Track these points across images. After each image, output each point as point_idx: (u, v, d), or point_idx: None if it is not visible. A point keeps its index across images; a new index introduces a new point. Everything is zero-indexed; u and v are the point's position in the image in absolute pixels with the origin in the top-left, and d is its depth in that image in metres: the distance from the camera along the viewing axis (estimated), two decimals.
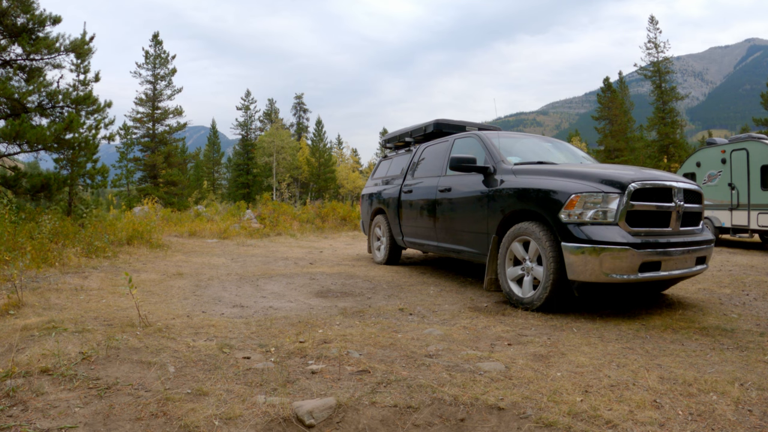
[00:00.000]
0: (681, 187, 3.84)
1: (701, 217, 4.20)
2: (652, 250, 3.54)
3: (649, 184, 3.66)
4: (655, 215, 3.73)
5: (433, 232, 5.48)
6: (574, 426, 1.83)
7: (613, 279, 3.45)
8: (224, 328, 3.18)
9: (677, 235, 3.83)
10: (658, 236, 3.68)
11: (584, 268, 3.48)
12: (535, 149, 5.24)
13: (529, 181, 4.09)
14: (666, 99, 27.28)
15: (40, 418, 1.86)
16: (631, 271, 3.46)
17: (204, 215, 14.68)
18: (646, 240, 3.56)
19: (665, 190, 3.78)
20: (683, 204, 3.83)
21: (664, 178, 3.88)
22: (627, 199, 3.52)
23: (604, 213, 3.54)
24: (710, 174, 10.18)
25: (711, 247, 4.12)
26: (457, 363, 2.54)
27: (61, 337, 2.78)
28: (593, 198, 3.56)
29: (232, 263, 6.74)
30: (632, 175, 3.71)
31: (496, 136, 5.14)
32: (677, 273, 3.74)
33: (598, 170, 3.90)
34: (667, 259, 3.63)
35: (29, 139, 7.83)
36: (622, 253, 3.41)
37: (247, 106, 47.60)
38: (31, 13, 8.68)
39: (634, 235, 3.53)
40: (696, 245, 3.89)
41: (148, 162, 29.27)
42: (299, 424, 1.88)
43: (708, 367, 2.50)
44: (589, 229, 3.51)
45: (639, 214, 3.64)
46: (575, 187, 3.65)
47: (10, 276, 4.26)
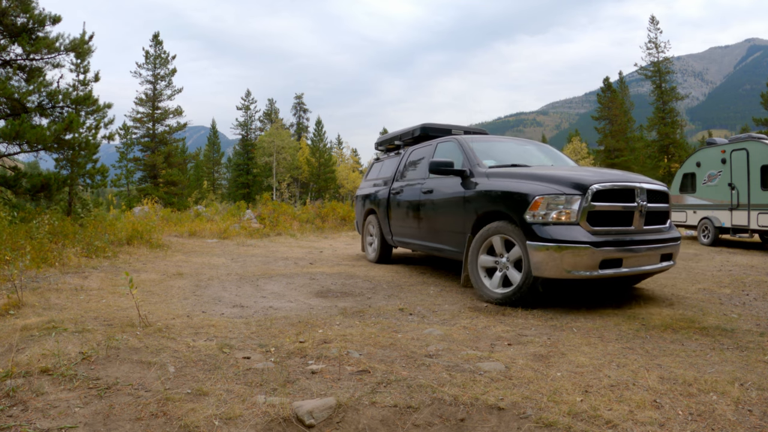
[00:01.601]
0: (644, 188, 4.01)
1: (668, 215, 4.41)
2: (613, 248, 3.72)
3: (610, 186, 3.84)
4: (617, 215, 3.92)
5: (418, 232, 5.73)
6: (574, 426, 1.83)
7: (575, 275, 3.65)
8: (224, 328, 3.18)
9: (641, 233, 4.00)
10: (619, 235, 3.86)
11: (547, 266, 3.69)
12: (512, 152, 5.45)
13: (499, 183, 4.34)
14: (666, 99, 27.28)
15: (40, 418, 1.86)
16: (592, 268, 3.65)
17: (204, 215, 14.68)
18: (607, 239, 3.75)
19: (627, 191, 3.96)
20: (646, 204, 3.98)
21: (627, 179, 4.06)
22: (588, 200, 3.72)
23: (566, 213, 3.75)
24: (710, 174, 10.18)
25: (677, 245, 4.31)
26: (457, 363, 2.54)
27: (61, 337, 2.78)
28: (555, 200, 3.78)
29: (232, 263, 6.74)
30: (595, 178, 3.90)
31: (475, 140, 5.42)
32: (640, 269, 3.93)
33: (563, 173, 4.09)
34: (629, 257, 3.82)
35: (29, 139, 7.83)
36: (582, 251, 3.60)
37: (247, 106, 47.60)
38: (30, 13, 8.68)
39: (594, 234, 3.72)
40: (660, 243, 4.06)
41: (148, 162, 29.27)
42: (299, 424, 1.88)
43: (708, 367, 2.50)
44: (551, 228, 3.73)
45: (601, 213, 3.83)
46: (539, 190, 3.88)
47: (10, 276, 4.25)
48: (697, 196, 10.57)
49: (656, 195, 4.20)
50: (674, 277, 5.53)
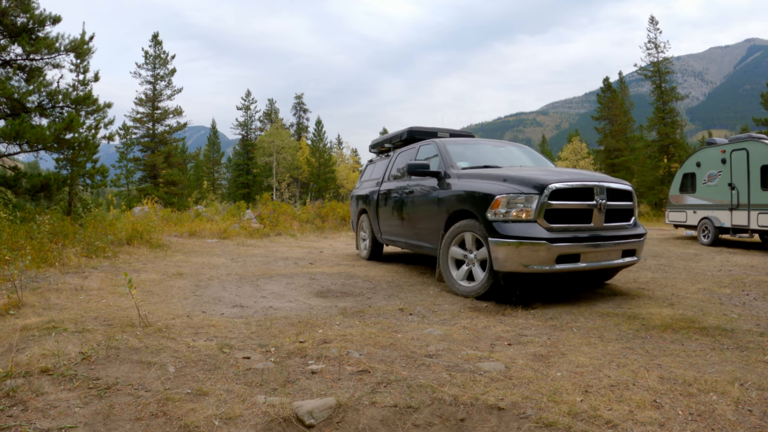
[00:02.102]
0: (604, 187, 4.20)
1: (632, 213, 4.57)
2: (569, 244, 3.91)
3: (567, 185, 4.04)
4: (576, 212, 4.12)
5: (402, 230, 6.04)
6: (574, 426, 1.83)
7: (532, 270, 3.87)
8: (224, 328, 3.18)
9: (600, 230, 4.18)
10: (577, 231, 4.05)
11: (507, 260, 3.92)
12: (489, 154, 5.70)
13: (467, 184, 4.61)
14: (666, 99, 27.26)
15: (40, 418, 1.86)
16: (548, 262, 3.86)
17: (204, 215, 14.68)
18: (564, 235, 3.94)
19: (586, 190, 4.14)
20: (605, 202, 4.17)
21: (586, 179, 4.26)
22: (545, 199, 3.93)
23: (524, 212, 3.98)
24: (710, 174, 10.18)
25: (640, 241, 4.44)
26: (457, 363, 2.54)
27: (61, 337, 2.78)
28: (515, 199, 4.02)
29: (232, 263, 6.74)
30: (554, 177, 4.12)
31: (453, 143, 5.73)
32: (599, 265, 4.11)
33: (525, 173, 4.32)
34: (587, 252, 4.02)
35: (29, 139, 7.83)
36: (538, 246, 3.82)
37: (247, 106, 47.59)
38: (30, 13, 8.68)
39: (551, 231, 3.93)
40: (621, 239, 4.23)
41: (148, 162, 29.26)
42: (299, 424, 1.88)
43: (708, 367, 2.50)
44: (510, 225, 3.97)
45: (560, 211, 4.04)
46: (500, 189, 4.14)
47: (10, 276, 4.26)
48: (697, 196, 10.57)
49: (618, 194, 4.37)
50: (674, 277, 5.53)
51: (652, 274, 5.77)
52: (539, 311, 3.80)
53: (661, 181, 25.88)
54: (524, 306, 3.97)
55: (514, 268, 3.91)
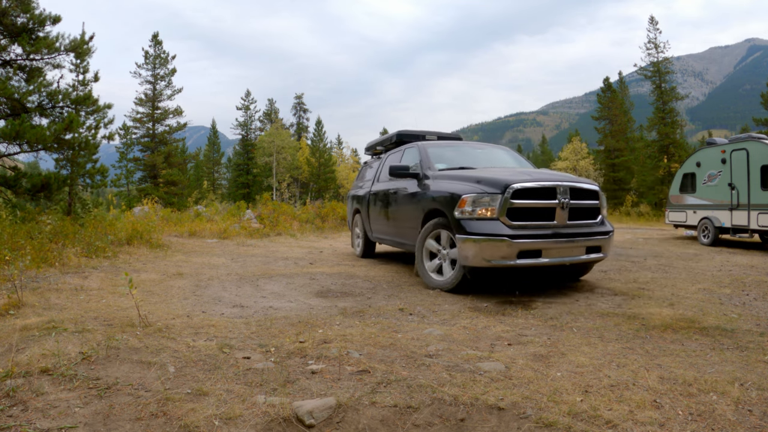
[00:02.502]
0: (567, 186, 4.40)
1: (598, 211, 4.76)
2: (530, 240, 4.14)
3: (529, 186, 4.27)
4: (539, 210, 4.34)
5: (388, 228, 6.31)
6: (574, 426, 1.83)
7: (494, 264, 4.14)
8: (224, 328, 3.18)
9: (563, 227, 4.39)
10: (539, 229, 4.28)
11: (471, 256, 4.19)
12: (467, 156, 5.98)
13: (440, 185, 4.91)
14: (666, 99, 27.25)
15: (40, 418, 1.86)
16: (510, 258, 4.11)
17: (204, 215, 14.68)
18: (525, 232, 4.18)
19: (549, 190, 4.35)
20: (569, 201, 4.38)
21: (549, 179, 4.46)
22: (507, 198, 4.19)
23: (487, 210, 4.25)
24: (710, 174, 10.17)
25: (606, 238, 4.61)
26: (457, 363, 2.54)
27: (61, 337, 2.78)
28: (479, 198, 4.28)
29: (232, 263, 6.74)
30: (517, 178, 4.36)
31: (434, 146, 6.04)
32: (562, 260, 4.33)
33: (492, 174, 4.56)
34: (549, 248, 4.22)
35: (29, 139, 7.82)
36: (500, 243, 4.08)
37: (247, 106, 47.58)
38: (30, 13, 8.67)
39: (512, 228, 4.18)
40: (585, 236, 4.43)
41: (148, 162, 29.25)
42: (299, 424, 1.88)
43: (708, 367, 2.50)
44: (475, 223, 4.24)
45: (523, 210, 4.28)
46: (466, 190, 4.42)
47: (10, 276, 4.25)
48: (697, 196, 10.57)
49: (583, 193, 4.58)
50: (674, 277, 5.53)
51: (652, 274, 5.77)
52: (539, 311, 3.80)
53: (661, 181, 25.88)
54: (524, 307, 3.97)
55: (478, 263, 4.17)
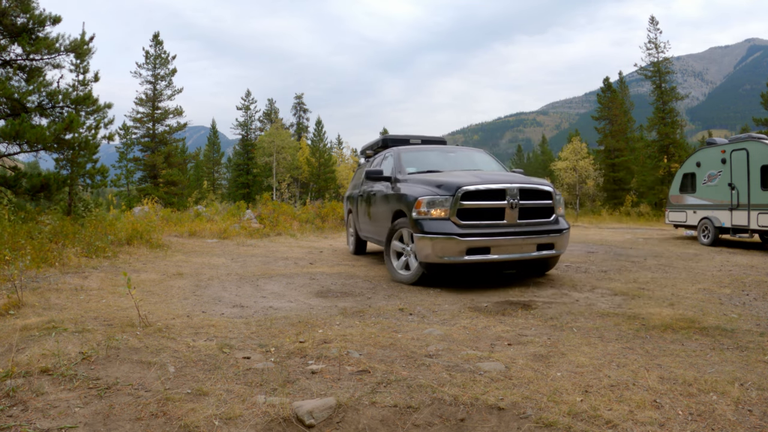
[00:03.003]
0: (516, 188, 4.72)
1: (552, 211, 5.03)
2: (479, 238, 4.52)
3: (477, 188, 4.63)
4: (489, 210, 4.70)
5: (370, 227, 6.70)
6: (574, 426, 1.83)
7: (446, 260, 4.55)
8: (224, 328, 3.18)
9: (513, 226, 4.73)
10: (488, 227, 4.65)
11: (426, 253, 4.62)
12: (438, 160, 6.34)
13: (404, 188, 5.30)
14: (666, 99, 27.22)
15: (40, 418, 1.86)
16: (459, 254, 4.50)
17: (204, 215, 14.67)
18: (474, 231, 4.56)
19: (498, 191, 4.69)
20: (518, 201, 4.71)
21: (498, 181, 4.80)
22: (457, 200, 4.58)
23: (439, 211, 4.64)
24: (710, 174, 10.17)
25: (557, 236, 4.92)
26: (457, 363, 2.54)
27: (61, 337, 2.78)
28: (432, 200, 4.67)
29: (232, 263, 6.74)
30: (467, 180, 4.71)
31: (409, 151, 6.47)
32: (512, 257, 4.68)
33: (448, 178, 4.93)
34: (498, 245, 4.60)
35: (29, 139, 7.82)
36: (450, 240, 4.48)
37: (247, 106, 47.57)
38: (30, 13, 8.67)
39: (462, 227, 4.56)
40: (535, 234, 4.76)
41: (148, 162, 29.24)
42: (299, 424, 1.88)
43: (708, 367, 2.50)
44: (429, 223, 4.64)
45: (473, 210, 4.65)
46: (422, 192, 4.82)
47: (10, 276, 4.25)
48: (697, 196, 10.57)
49: (534, 193, 4.89)
50: (674, 277, 5.53)
51: (652, 274, 5.77)
52: (539, 311, 3.80)
53: (661, 181, 25.86)
54: (524, 307, 3.97)
55: (432, 259, 4.60)
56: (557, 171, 32.54)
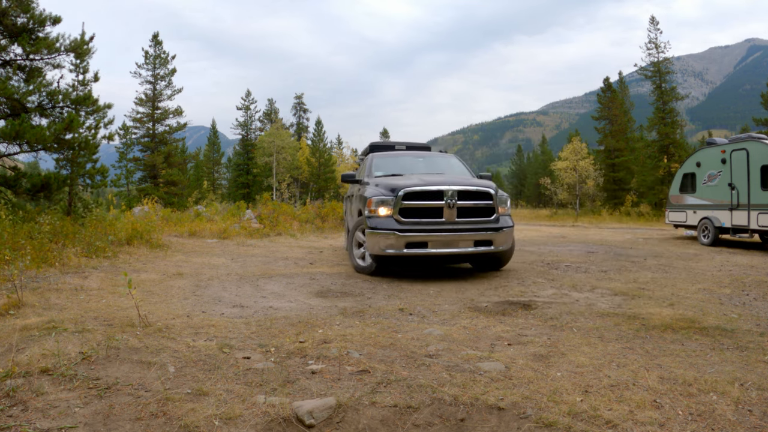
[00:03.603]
0: (454, 190, 5.20)
1: (493, 211, 5.45)
2: (416, 234, 5.10)
3: (417, 189, 5.20)
4: (428, 209, 5.23)
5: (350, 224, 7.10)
6: (574, 426, 1.83)
7: (388, 253, 5.16)
8: (224, 328, 3.18)
9: (451, 223, 5.21)
10: (426, 225, 5.18)
11: (373, 246, 5.27)
12: (403, 165, 6.90)
13: (365, 189, 5.84)
14: (666, 99, 27.21)
15: (40, 418, 1.86)
16: (399, 247, 5.11)
17: (204, 215, 14.67)
18: (413, 227, 5.14)
19: (436, 192, 5.21)
20: (456, 201, 5.19)
21: (438, 183, 5.30)
22: (399, 200, 5.18)
23: (385, 210, 5.24)
24: (710, 174, 10.17)
25: (495, 233, 5.32)
26: (457, 363, 2.54)
27: (61, 337, 2.78)
28: (379, 200, 5.29)
29: (232, 263, 6.74)
30: (410, 182, 5.31)
31: (381, 157, 7.16)
32: (448, 251, 5.17)
33: (397, 181, 5.52)
34: (434, 241, 5.13)
35: (29, 139, 7.82)
36: (390, 236, 5.10)
37: (247, 106, 47.56)
38: (30, 13, 8.67)
39: (402, 224, 5.16)
40: (472, 231, 5.23)
41: (148, 162, 29.23)
42: (299, 424, 1.88)
43: (708, 367, 2.50)
44: (375, 220, 5.27)
45: (414, 209, 5.23)
46: (373, 193, 5.45)
47: (10, 276, 4.25)
48: (697, 196, 10.57)
49: (474, 194, 5.35)
50: (674, 277, 5.54)
51: (652, 274, 5.77)
52: (539, 311, 3.80)
53: (661, 181, 25.86)
54: (524, 307, 3.97)
55: (377, 251, 5.24)
56: (557, 171, 32.53)
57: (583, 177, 30.92)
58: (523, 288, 4.85)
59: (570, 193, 31.97)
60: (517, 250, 8.71)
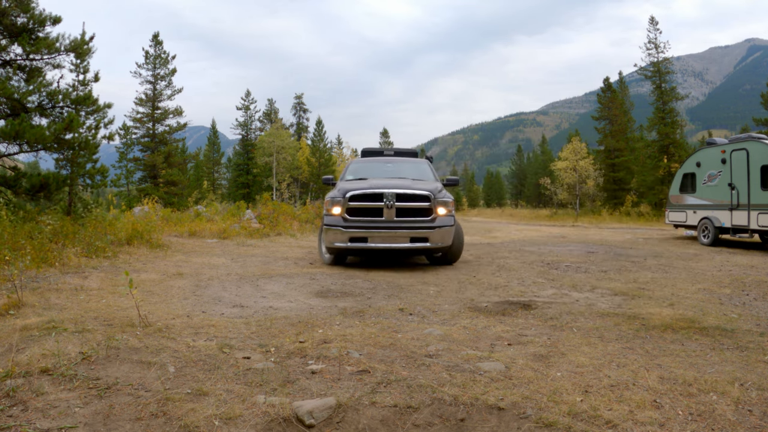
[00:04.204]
0: (393, 193, 5.93)
1: (431, 212, 6.05)
2: (358, 230, 5.90)
3: (360, 192, 6.00)
4: (370, 209, 5.98)
5: None
6: (574, 426, 1.83)
7: (336, 246, 6.00)
8: (224, 328, 3.18)
9: (390, 222, 5.93)
10: (367, 222, 5.93)
11: (326, 240, 6.12)
12: (373, 170, 7.55)
13: (330, 192, 6.55)
14: (666, 99, 27.20)
15: (40, 418, 1.86)
16: (344, 241, 5.94)
17: (204, 215, 14.67)
18: (355, 224, 5.93)
19: (377, 195, 5.95)
20: (394, 202, 5.90)
21: (379, 186, 6.04)
22: (346, 201, 6.00)
23: (335, 209, 6.06)
24: (710, 174, 10.17)
25: (430, 231, 5.94)
26: (457, 363, 2.54)
27: (61, 337, 2.78)
28: (332, 201, 6.14)
29: (232, 263, 6.74)
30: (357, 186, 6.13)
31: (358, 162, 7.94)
32: (387, 246, 5.90)
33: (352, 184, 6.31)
34: (374, 236, 5.90)
35: (29, 139, 7.81)
36: (336, 231, 5.96)
37: (247, 106, 47.56)
38: (30, 13, 8.66)
39: (346, 221, 5.96)
40: (408, 229, 5.91)
41: (148, 162, 29.22)
42: (299, 424, 1.88)
43: (708, 367, 2.50)
44: (328, 218, 6.11)
45: (359, 209, 6.00)
46: (329, 195, 6.28)
47: (10, 276, 4.25)
48: (697, 196, 10.57)
49: (412, 197, 6.01)
50: (674, 277, 5.54)
51: (652, 274, 5.77)
52: (539, 311, 3.80)
53: (661, 181, 25.85)
54: (524, 307, 3.97)
55: (329, 244, 6.09)
56: (557, 171, 32.53)
57: (583, 177, 30.92)
58: (523, 288, 4.85)
59: (570, 193, 31.96)
60: (517, 250, 8.70)
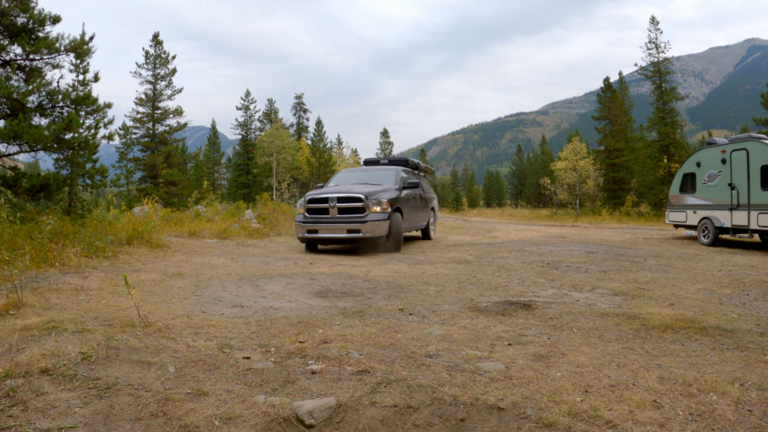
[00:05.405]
0: (336, 196, 7.94)
1: (364, 210, 7.82)
2: (311, 224, 8.01)
3: (314, 196, 8.16)
4: (321, 209, 8.05)
5: None
6: (574, 426, 1.83)
7: (300, 236, 8.21)
8: (224, 328, 3.18)
9: (333, 218, 7.94)
10: (318, 218, 8.04)
11: (296, 232, 8.36)
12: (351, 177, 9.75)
13: None
14: (666, 99, 27.19)
15: (40, 418, 1.86)
16: (303, 232, 8.08)
17: (204, 215, 14.66)
18: (310, 220, 8.07)
19: (324, 198, 8.01)
20: (336, 204, 7.89)
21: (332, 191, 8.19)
22: (305, 203, 8.21)
23: (302, 208, 8.29)
24: (710, 174, 10.17)
25: (362, 224, 7.70)
26: (457, 363, 2.54)
27: (61, 337, 2.78)
28: (300, 204, 8.36)
29: (232, 263, 6.74)
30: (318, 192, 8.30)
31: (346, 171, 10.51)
32: (332, 236, 7.90)
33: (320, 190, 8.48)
34: (322, 228, 7.93)
35: (29, 139, 7.81)
36: (299, 225, 8.18)
37: (246, 106, 47.54)
38: (30, 13, 8.66)
39: (305, 217, 8.15)
40: (345, 222, 7.80)
41: (148, 162, 29.21)
42: (299, 424, 1.88)
43: (708, 367, 2.50)
44: (298, 216, 8.37)
45: (314, 208, 8.10)
46: (306, 197, 8.30)
47: (10, 276, 4.25)
48: (697, 196, 10.57)
49: (349, 199, 7.88)
50: (674, 277, 5.54)
51: (652, 274, 5.77)
52: (539, 311, 3.80)
53: (661, 181, 25.85)
54: (524, 307, 3.97)
55: (297, 235, 8.29)
56: (557, 171, 32.52)
57: (583, 177, 30.92)
58: (523, 288, 4.85)
59: (570, 193, 31.96)
60: (517, 249, 8.70)
